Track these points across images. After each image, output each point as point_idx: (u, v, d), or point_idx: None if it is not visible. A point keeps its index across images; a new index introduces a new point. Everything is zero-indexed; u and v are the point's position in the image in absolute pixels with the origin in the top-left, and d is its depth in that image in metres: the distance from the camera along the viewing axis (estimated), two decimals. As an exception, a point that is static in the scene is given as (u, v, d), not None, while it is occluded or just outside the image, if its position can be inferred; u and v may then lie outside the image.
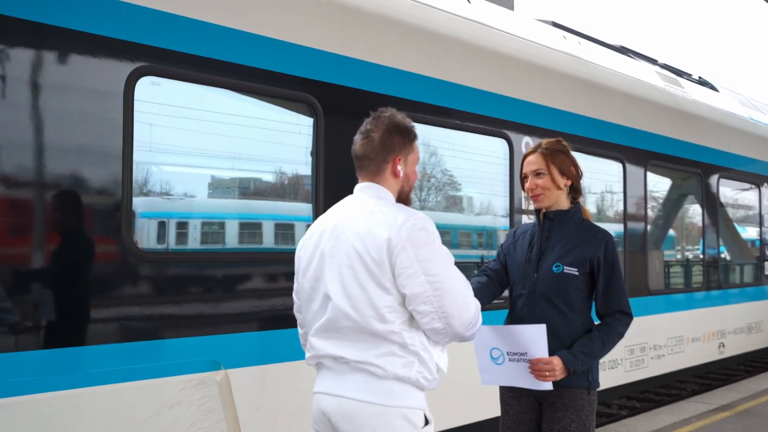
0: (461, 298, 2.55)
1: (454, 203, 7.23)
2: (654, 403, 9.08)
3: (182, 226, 4.86)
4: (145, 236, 4.62)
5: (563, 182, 3.35)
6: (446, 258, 2.57)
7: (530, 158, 3.39)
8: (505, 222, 6.47)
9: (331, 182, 4.75)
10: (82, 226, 3.82)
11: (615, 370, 7.26)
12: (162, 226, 4.70)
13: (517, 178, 6.46)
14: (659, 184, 9.17)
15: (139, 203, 4.21)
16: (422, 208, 6.29)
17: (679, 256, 10.15)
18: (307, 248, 2.73)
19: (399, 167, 2.70)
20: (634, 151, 7.84)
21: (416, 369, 2.53)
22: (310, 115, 4.78)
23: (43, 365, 3.56)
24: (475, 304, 2.61)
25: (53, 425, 3.54)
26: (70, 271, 3.74)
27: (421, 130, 2.93)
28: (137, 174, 4.05)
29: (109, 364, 3.77)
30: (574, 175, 3.38)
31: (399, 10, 5.47)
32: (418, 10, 5.67)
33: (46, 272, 3.65)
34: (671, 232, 10.13)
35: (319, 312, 2.64)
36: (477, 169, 6.89)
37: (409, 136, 2.74)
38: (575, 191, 3.42)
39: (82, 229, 3.82)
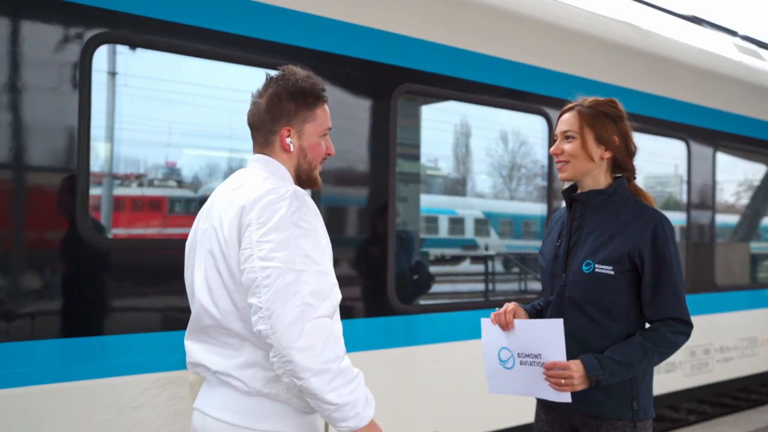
0: (295, 296, 1.88)
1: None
2: (729, 408, 8.27)
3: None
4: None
5: (599, 153, 2.60)
6: (295, 241, 1.93)
7: (564, 117, 2.68)
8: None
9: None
10: (38, 210, 3.50)
11: (672, 374, 6.52)
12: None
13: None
14: (731, 168, 8.30)
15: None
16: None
17: (753, 248, 9.18)
18: (190, 233, 2.30)
19: (288, 140, 2.17)
20: (699, 130, 7.03)
21: (285, 386, 2.01)
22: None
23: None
24: (325, 319, 1.92)
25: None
26: (17, 259, 3.42)
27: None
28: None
29: (63, 360, 3.45)
30: (616, 147, 2.61)
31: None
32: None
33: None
34: (744, 220, 9.18)
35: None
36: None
37: (306, 101, 2.18)
38: (625, 170, 2.65)
39: (36, 214, 3.50)
